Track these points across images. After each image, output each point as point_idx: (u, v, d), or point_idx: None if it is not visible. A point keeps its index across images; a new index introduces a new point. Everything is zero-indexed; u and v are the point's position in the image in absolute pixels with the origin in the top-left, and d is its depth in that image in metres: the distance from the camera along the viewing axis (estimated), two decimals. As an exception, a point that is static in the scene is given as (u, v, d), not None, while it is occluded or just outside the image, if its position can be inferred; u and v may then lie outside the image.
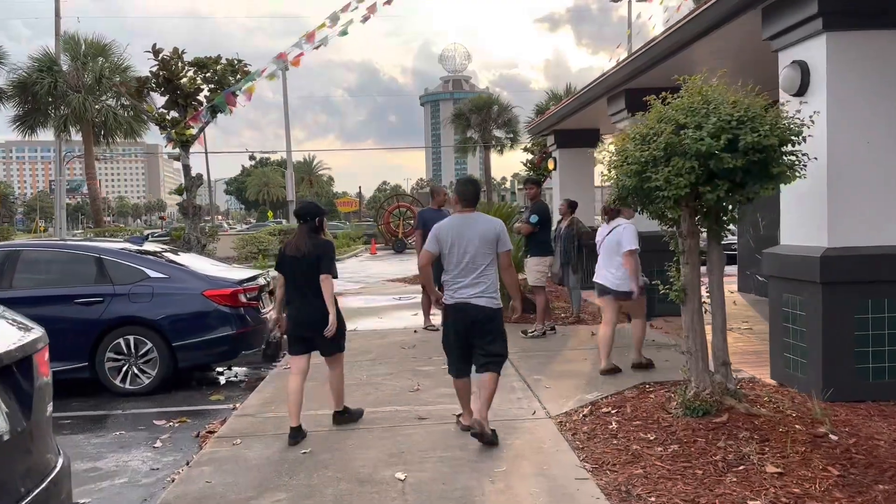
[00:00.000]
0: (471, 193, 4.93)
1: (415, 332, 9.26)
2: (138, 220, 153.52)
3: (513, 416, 5.45)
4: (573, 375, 6.63)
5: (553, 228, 9.28)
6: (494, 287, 4.81)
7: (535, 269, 8.67)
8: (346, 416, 5.37)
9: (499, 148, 39.09)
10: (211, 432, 5.65)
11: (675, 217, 4.90)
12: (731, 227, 5.17)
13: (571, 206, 9.84)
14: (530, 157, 22.04)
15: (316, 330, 5.01)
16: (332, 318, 4.98)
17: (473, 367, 4.89)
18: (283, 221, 49.07)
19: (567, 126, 13.49)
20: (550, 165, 14.27)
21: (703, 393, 4.97)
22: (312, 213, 5.16)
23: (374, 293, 14.08)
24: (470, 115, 37.75)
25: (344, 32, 10.91)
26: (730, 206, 4.92)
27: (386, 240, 32.41)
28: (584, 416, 5.29)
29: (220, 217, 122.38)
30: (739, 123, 4.55)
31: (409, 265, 21.65)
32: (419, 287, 14.55)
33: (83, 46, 26.37)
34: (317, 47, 10.97)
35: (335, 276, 5.06)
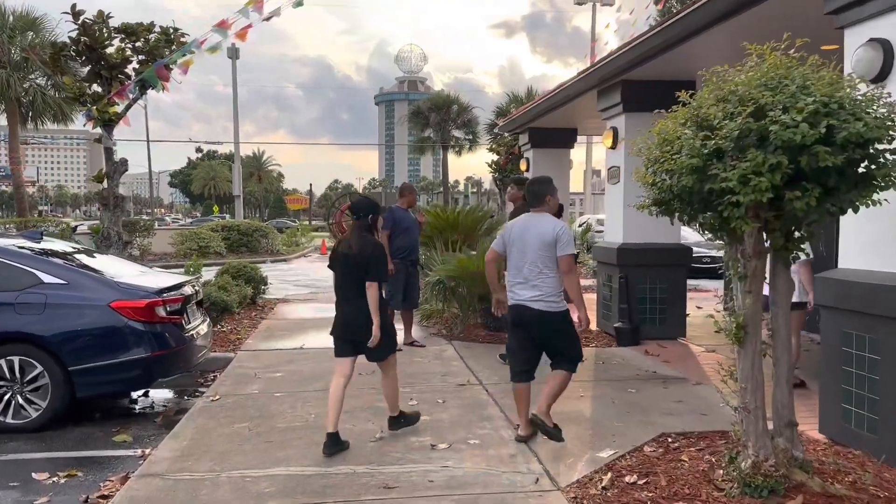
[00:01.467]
0: (532, 193, 4.82)
1: (373, 352, 7.88)
2: (77, 211, 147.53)
3: (509, 484, 4.14)
4: (573, 419, 5.37)
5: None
6: (554, 291, 4.58)
7: (516, 284, 7.39)
8: (402, 422, 5.01)
9: (457, 149, 37.80)
10: (104, 497, 4.21)
11: (741, 231, 3.67)
12: (805, 246, 3.97)
13: (558, 210, 8.61)
14: (495, 157, 20.78)
15: (362, 333, 4.76)
16: (375, 328, 4.71)
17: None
18: (228, 216, 46.89)
19: (543, 124, 12.31)
20: (523, 166, 13.06)
21: (764, 464, 3.76)
22: (366, 210, 4.93)
23: (326, 300, 12.62)
24: (429, 113, 36.31)
25: (299, 3, 9.47)
26: (808, 220, 3.72)
27: (338, 240, 30.81)
28: (603, 487, 4.01)
29: (162, 210, 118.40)
30: (840, 108, 3.36)
31: (361, 268, 20.21)
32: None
33: (10, 19, 24.08)
34: (267, 18, 9.50)
35: (383, 281, 4.87)
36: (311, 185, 73.05)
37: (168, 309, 6.03)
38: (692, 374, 6.88)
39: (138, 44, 9.59)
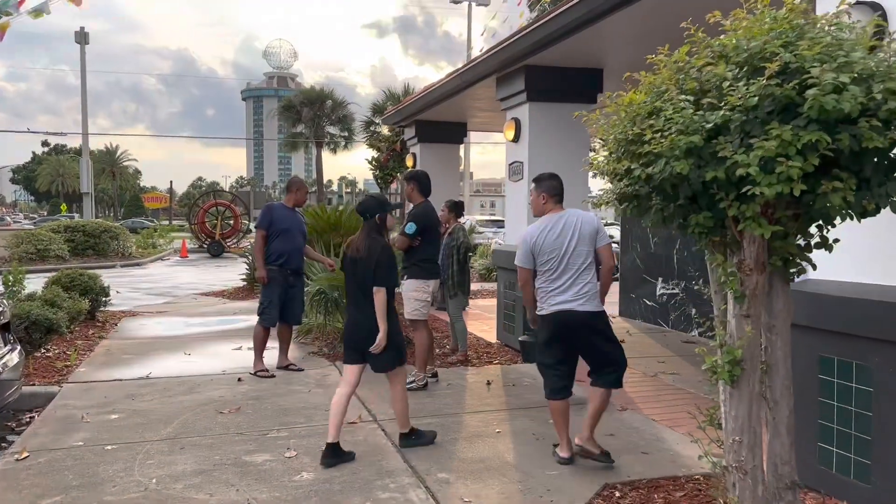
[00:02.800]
0: (556, 189, 4.41)
1: (239, 380, 6.52)
2: None
3: (430, 583, 3.01)
4: (494, 467, 4.32)
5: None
6: (595, 288, 4.29)
7: (413, 297, 6.28)
8: (414, 440, 4.68)
9: (332, 146, 36.11)
10: None
11: (735, 237, 2.75)
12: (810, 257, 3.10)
13: (455, 209, 7.61)
14: (375, 154, 19.50)
15: (366, 341, 4.48)
16: (381, 335, 4.42)
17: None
18: (77, 216, 42.78)
19: (432, 116, 11.28)
20: (409, 162, 11.98)
21: (767, 541, 2.86)
22: (372, 210, 4.65)
23: (183, 313, 10.98)
24: (301, 108, 34.35)
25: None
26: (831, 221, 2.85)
27: (200, 241, 28.48)
28: (558, 581, 2.98)
29: (3, 209, 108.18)
30: (881, 70, 2.51)
31: (228, 272, 18.43)
32: (245, 305, 11.57)
33: None
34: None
35: (393, 286, 4.54)
36: (171, 182, 68.59)
37: (-50, 339, 4.45)
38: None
39: (-64, -1, 7.64)
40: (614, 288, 11.33)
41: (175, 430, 5.06)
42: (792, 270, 2.98)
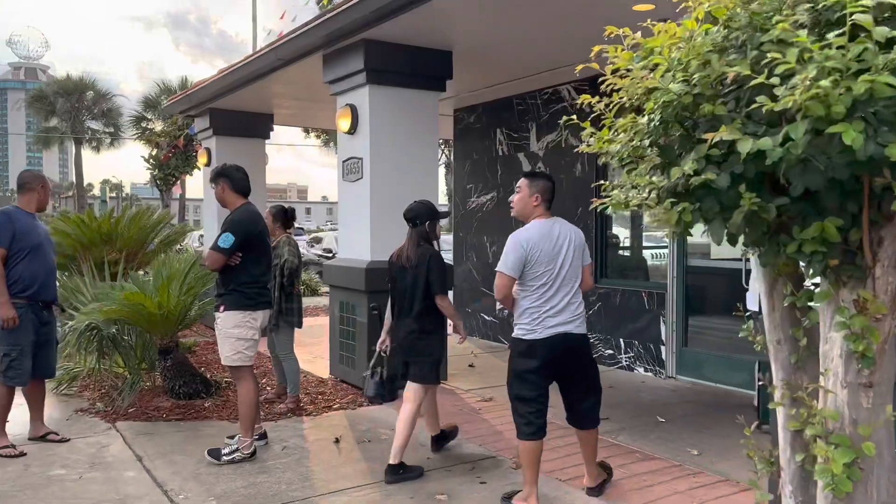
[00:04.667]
0: (552, 191, 3.86)
1: (-33, 466, 4.43)
2: None
3: None
4: None
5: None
6: (583, 309, 3.82)
7: (234, 336, 4.61)
8: (444, 443, 4.74)
9: (94, 144, 31.63)
10: None
11: (864, 259, 1.68)
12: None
13: (281, 217, 6.04)
14: (153, 151, 16.73)
15: (411, 354, 4.41)
16: (461, 329, 4.56)
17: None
18: None
19: (231, 105, 9.46)
20: (202, 159, 10.02)
21: None
22: (422, 216, 4.41)
23: None
24: (56, 98, 29.66)
25: None
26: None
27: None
28: None
29: None
30: None
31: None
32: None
33: None
34: None
35: (447, 292, 4.38)
36: None
37: None
38: (496, 444, 4.91)
39: None
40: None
41: None
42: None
